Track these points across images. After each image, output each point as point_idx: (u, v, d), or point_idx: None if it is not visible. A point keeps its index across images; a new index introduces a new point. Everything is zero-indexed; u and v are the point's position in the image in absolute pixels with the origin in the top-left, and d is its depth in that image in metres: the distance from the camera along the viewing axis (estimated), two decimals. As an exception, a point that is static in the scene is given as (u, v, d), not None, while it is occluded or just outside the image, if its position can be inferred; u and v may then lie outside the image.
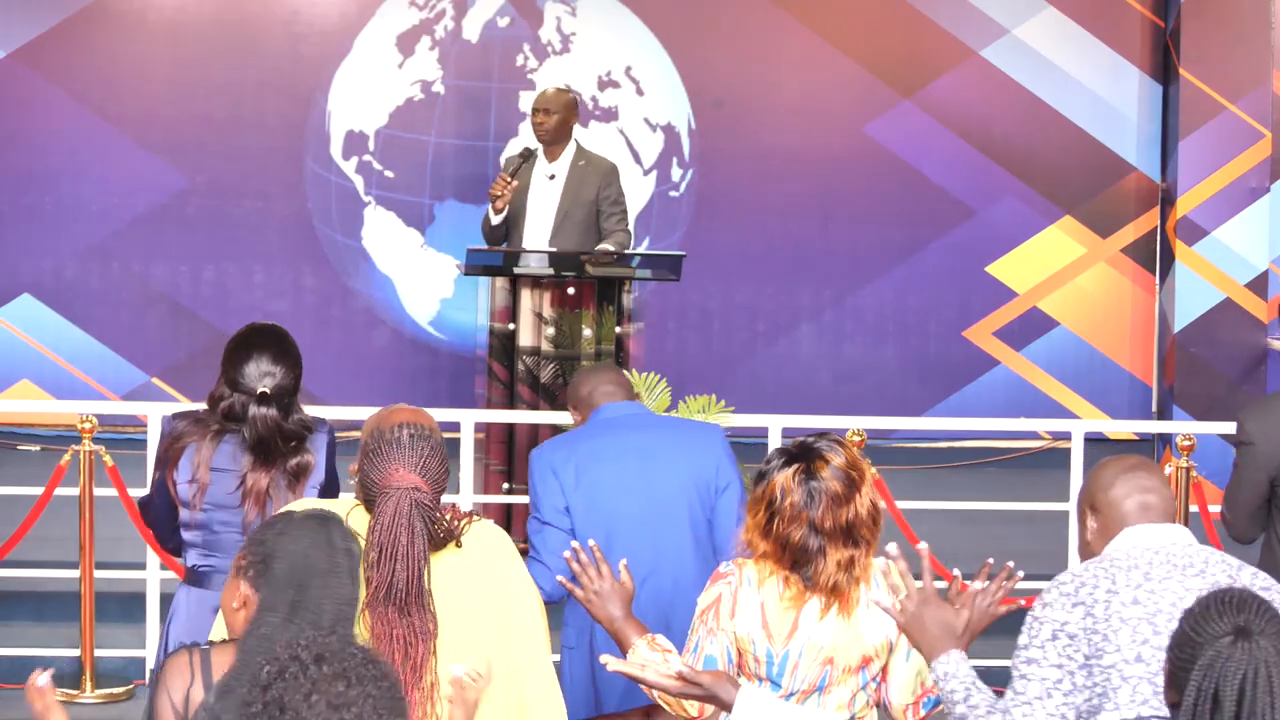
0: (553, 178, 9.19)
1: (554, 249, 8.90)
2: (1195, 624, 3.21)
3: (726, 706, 4.01)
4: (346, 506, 4.29)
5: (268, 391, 5.14)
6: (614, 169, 9.31)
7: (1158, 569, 3.85)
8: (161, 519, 5.28)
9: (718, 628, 4.31)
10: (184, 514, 5.21)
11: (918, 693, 4.35)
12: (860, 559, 4.28)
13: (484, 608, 4.24)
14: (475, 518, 4.30)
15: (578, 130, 9.40)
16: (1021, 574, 4.26)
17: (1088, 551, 4.05)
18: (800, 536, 4.25)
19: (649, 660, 4.18)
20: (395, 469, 4.20)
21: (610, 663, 4.10)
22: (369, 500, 4.24)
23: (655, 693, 4.34)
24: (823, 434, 4.41)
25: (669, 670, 4.05)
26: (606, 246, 8.97)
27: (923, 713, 4.37)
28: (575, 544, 4.48)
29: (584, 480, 5.48)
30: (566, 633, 5.53)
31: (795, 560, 4.27)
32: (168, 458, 5.22)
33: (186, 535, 5.22)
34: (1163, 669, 3.66)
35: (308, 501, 4.44)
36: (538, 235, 9.13)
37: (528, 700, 4.27)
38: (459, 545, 4.24)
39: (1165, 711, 3.67)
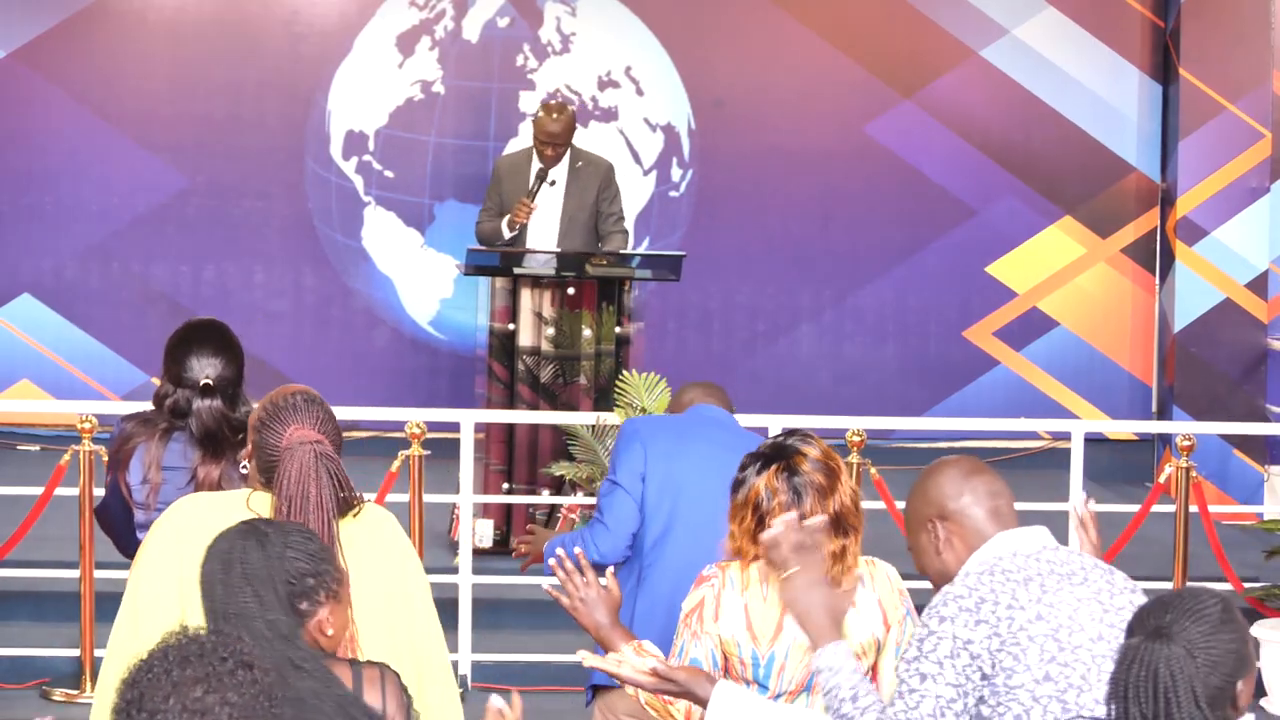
0: (553, 183, 9.21)
1: (561, 251, 8.93)
2: (1130, 624, 3.24)
3: (702, 702, 3.99)
4: (243, 495, 4.26)
5: (210, 383, 5.15)
6: (610, 167, 9.37)
7: (1050, 580, 3.76)
8: (118, 522, 5.27)
9: (701, 631, 4.31)
10: (139, 515, 5.20)
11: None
12: (850, 547, 4.29)
13: (383, 579, 4.25)
14: (364, 499, 4.33)
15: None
16: None
17: (938, 563, 3.90)
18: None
19: (626, 659, 4.16)
20: (294, 429, 4.20)
21: (586, 659, 4.09)
22: (268, 468, 4.21)
23: (642, 699, 4.34)
24: (792, 432, 4.42)
25: (644, 666, 4.04)
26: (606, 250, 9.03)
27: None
28: (561, 551, 4.49)
29: (667, 457, 5.55)
30: None
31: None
32: (118, 460, 5.22)
33: (142, 536, 5.21)
34: (1070, 685, 3.68)
35: (194, 502, 4.38)
36: (543, 241, 9.18)
37: (426, 679, 4.28)
38: (356, 516, 4.26)
39: None
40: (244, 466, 4.40)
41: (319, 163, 11.10)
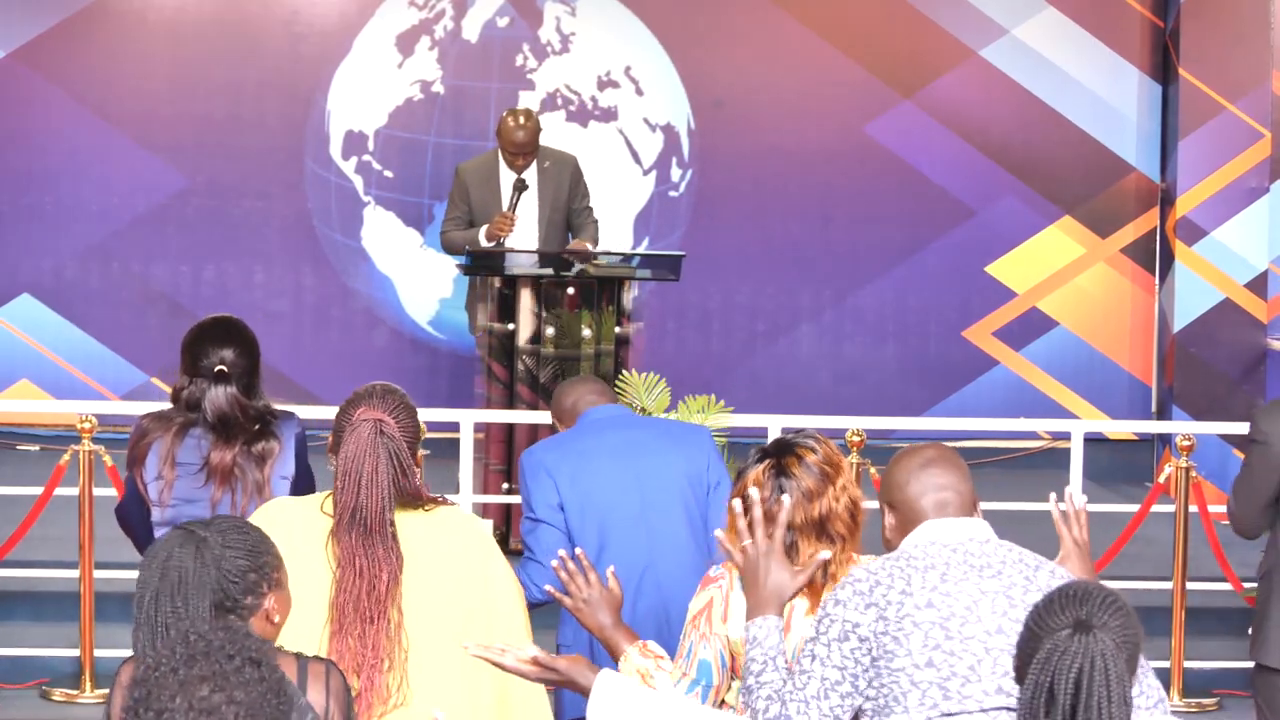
0: (527, 188, 9.24)
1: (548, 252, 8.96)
2: (1038, 618, 3.19)
3: (585, 691, 3.99)
4: (320, 497, 4.34)
5: (225, 369, 5.17)
6: (576, 162, 9.49)
7: (955, 570, 3.78)
8: (137, 520, 5.29)
9: (710, 632, 4.30)
10: (155, 513, 5.22)
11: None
12: (836, 555, 4.28)
13: (454, 584, 4.25)
14: (448, 501, 4.35)
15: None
16: None
17: (888, 545, 4.00)
18: None
19: (508, 648, 4.14)
20: (363, 410, 4.28)
21: (470, 648, 4.09)
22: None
23: None
24: (799, 431, 4.42)
25: (526, 656, 4.05)
26: (584, 245, 9.05)
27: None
28: (563, 552, 4.49)
29: (578, 479, 5.49)
30: (564, 630, 5.53)
31: None
32: (135, 457, 5.24)
33: (159, 533, 5.22)
34: (954, 674, 3.69)
35: (276, 506, 4.43)
36: (525, 244, 9.20)
37: (509, 689, 4.28)
38: (427, 511, 4.27)
39: (954, 715, 3.68)
40: (330, 464, 4.44)
41: (318, 163, 11.10)
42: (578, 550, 4.49)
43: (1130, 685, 3.15)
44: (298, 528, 4.22)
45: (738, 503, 4.14)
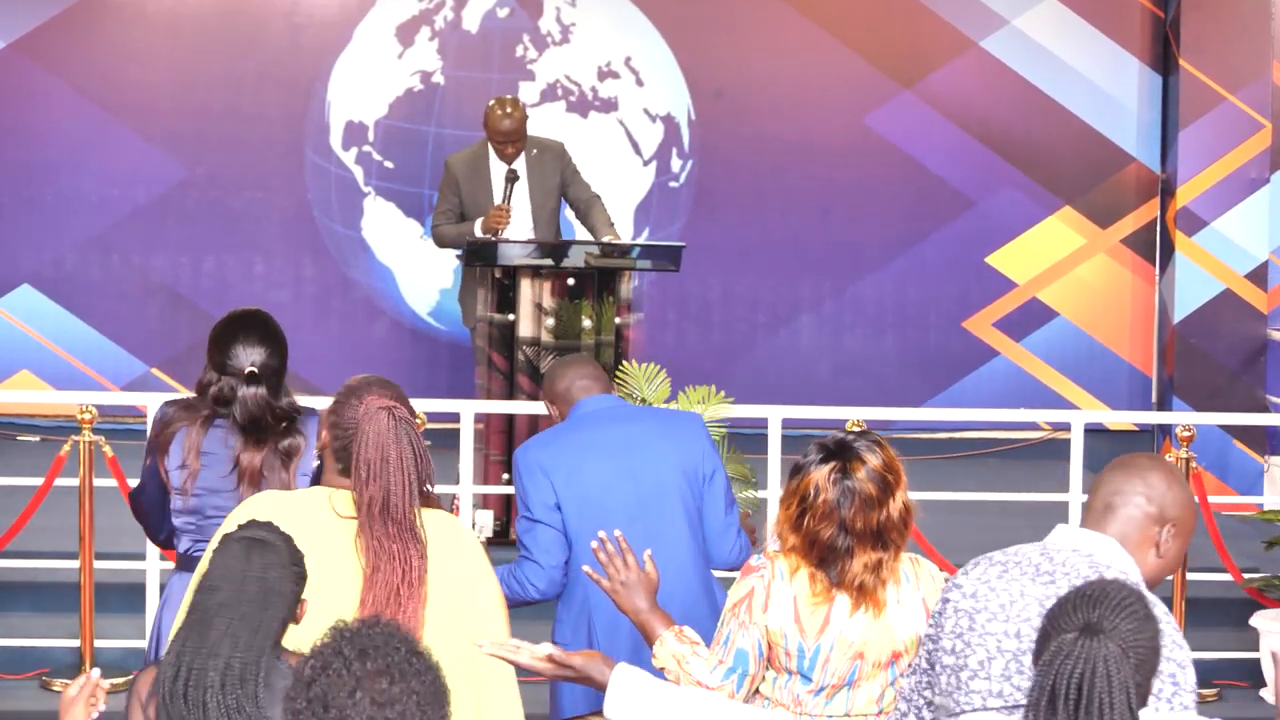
0: (518, 178, 9.23)
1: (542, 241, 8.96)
2: (1051, 617, 3.17)
3: (600, 687, 3.99)
4: (322, 494, 4.29)
5: (256, 371, 5.16)
6: (564, 147, 9.47)
7: (1017, 569, 3.82)
8: (154, 507, 5.30)
9: (750, 621, 4.32)
10: (176, 500, 5.23)
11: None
12: (888, 561, 4.30)
13: (446, 581, 4.23)
14: (439, 504, 4.33)
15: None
16: None
17: None
18: (829, 535, 4.28)
19: (523, 645, 4.15)
20: (369, 400, 4.21)
21: (484, 645, 4.09)
22: (345, 448, 4.22)
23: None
24: (864, 433, 4.41)
25: (541, 653, 4.05)
26: (611, 237, 9.04)
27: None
28: (603, 534, 4.49)
29: (573, 478, 5.47)
30: (560, 629, 5.51)
31: (822, 558, 4.30)
32: (158, 444, 5.24)
33: (179, 521, 5.24)
34: (965, 665, 3.75)
35: (269, 501, 4.39)
36: (518, 234, 9.18)
37: (486, 682, 4.27)
38: (422, 508, 4.27)
39: (961, 706, 3.73)
40: (316, 458, 4.38)
41: (319, 153, 11.10)
42: (616, 533, 4.50)
43: (1139, 691, 3.10)
44: (311, 524, 4.18)
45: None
